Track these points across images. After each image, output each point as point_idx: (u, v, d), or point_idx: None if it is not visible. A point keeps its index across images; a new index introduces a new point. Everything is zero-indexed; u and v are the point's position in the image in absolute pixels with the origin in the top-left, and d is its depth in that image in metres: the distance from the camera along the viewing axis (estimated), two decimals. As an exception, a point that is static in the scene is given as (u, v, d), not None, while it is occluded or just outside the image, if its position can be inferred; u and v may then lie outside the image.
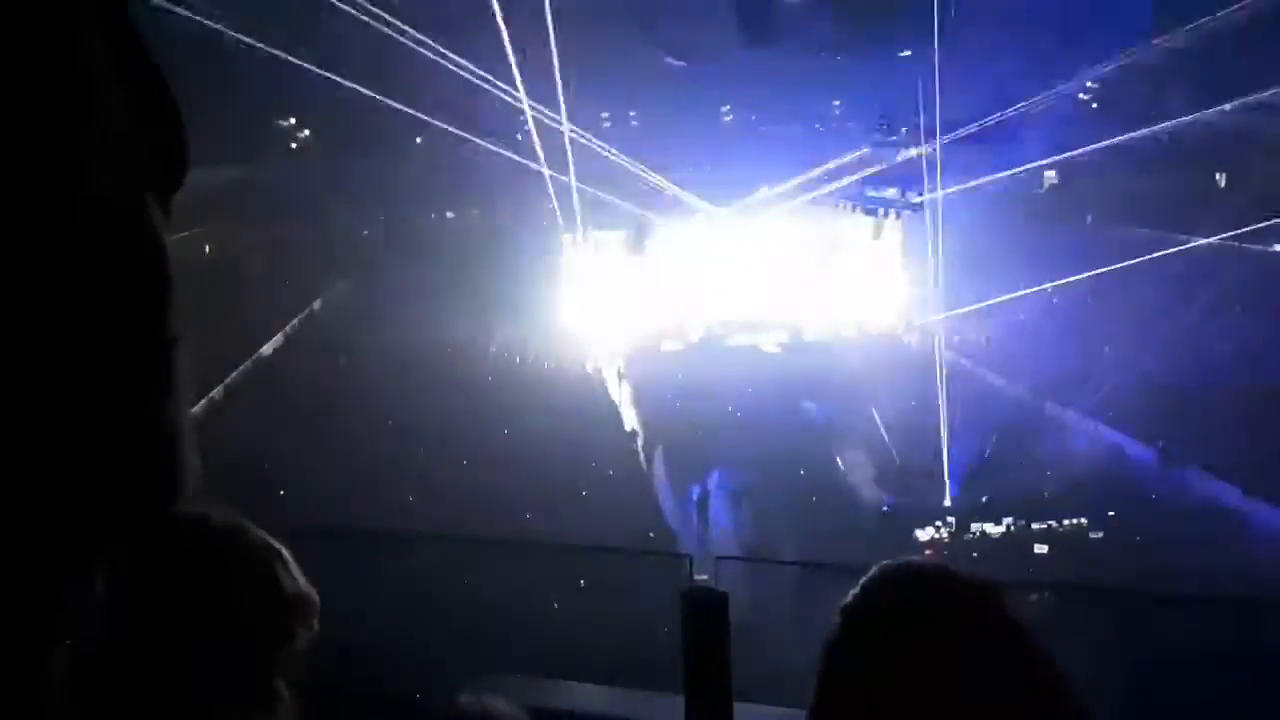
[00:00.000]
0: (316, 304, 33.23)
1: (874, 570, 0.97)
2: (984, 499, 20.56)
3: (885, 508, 20.30)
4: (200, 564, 1.07)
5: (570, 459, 21.33)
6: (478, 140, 35.92)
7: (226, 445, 19.81)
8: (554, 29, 29.93)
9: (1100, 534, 18.83)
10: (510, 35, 29.74)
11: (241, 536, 1.14)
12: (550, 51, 30.65)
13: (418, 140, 41.91)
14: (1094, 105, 42.38)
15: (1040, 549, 18.03)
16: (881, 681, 0.90)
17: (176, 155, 0.47)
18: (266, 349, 28.58)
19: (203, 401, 22.73)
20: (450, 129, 35.76)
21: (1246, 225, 29.98)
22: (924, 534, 18.82)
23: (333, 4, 27.68)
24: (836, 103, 37.89)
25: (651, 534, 18.27)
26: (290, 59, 29.32)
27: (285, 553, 1.16)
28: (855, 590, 0.96)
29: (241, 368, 26.28)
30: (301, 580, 1.15)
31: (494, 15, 28.86)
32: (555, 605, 13.65)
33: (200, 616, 1.08)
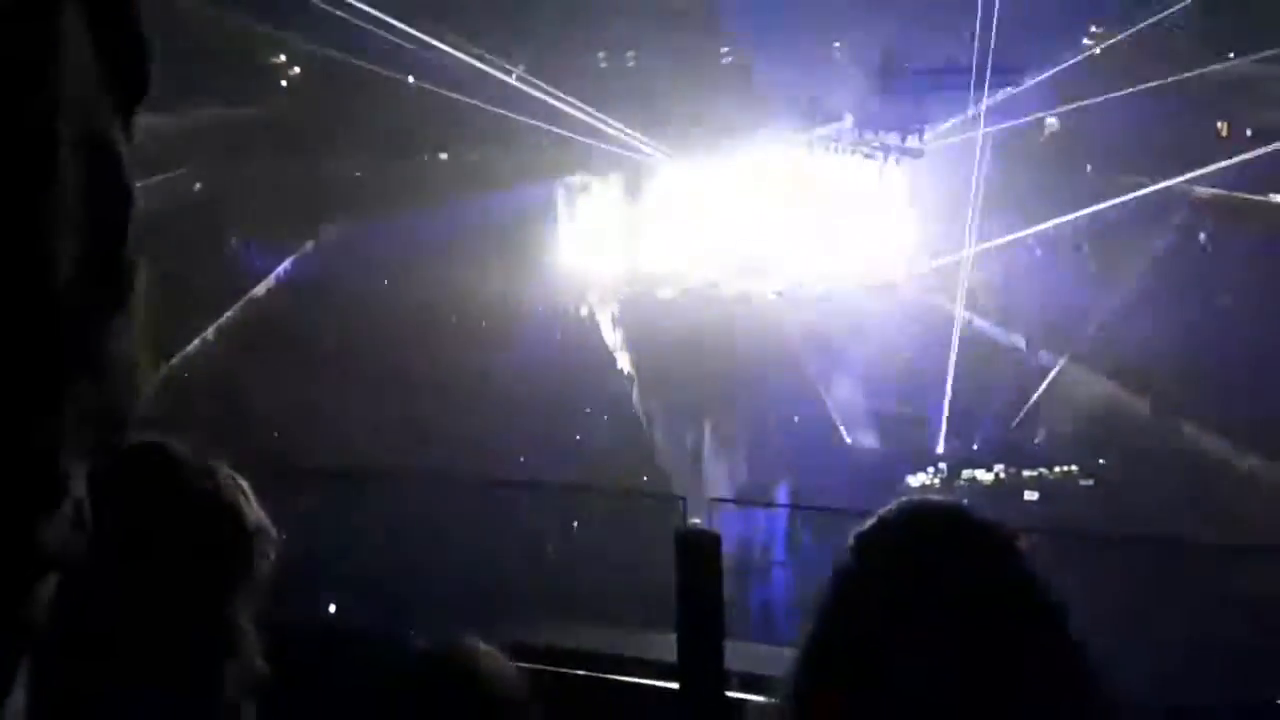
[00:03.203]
0: (309, 245, 32.99)
1: (893, 503, 0.95)
2: (975, 446, 20.70)
3: (878, 453, 20.44)
4: (163, 494, 1.04)
5: (565, 402, 21.39)
6: (472, 79, 35.37)
7: (218, 385, 19.83)
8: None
9: (1090, 481, 19.00)
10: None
11: (205, 468, 1.12)
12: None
13: (410, 79, 41.24)
14: (1098, 51, 41.74)
15: (1030, 495, 18.21)
16: (890, 611, 0.89)
17: (137, 66, 0.42)
18: (259, 290, 28.45)
19: (195, 341, 22.69)
20: (444, 68, 35.18)
21: (1249, 176, 29.77)
22: (915, 480, 18.96)
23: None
24: (837, 45, 37.29)
25: (645, 477, 18.40)
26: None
27: (245, 485, 1.15)
28: (872, 520, 0.94)
29: (233, 308, 26.18)
30: (261, 512, 1.15)
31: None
32: (549, 545, 13.81)
33: (164, 547, 1.06)
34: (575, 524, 14.23)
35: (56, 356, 0.36)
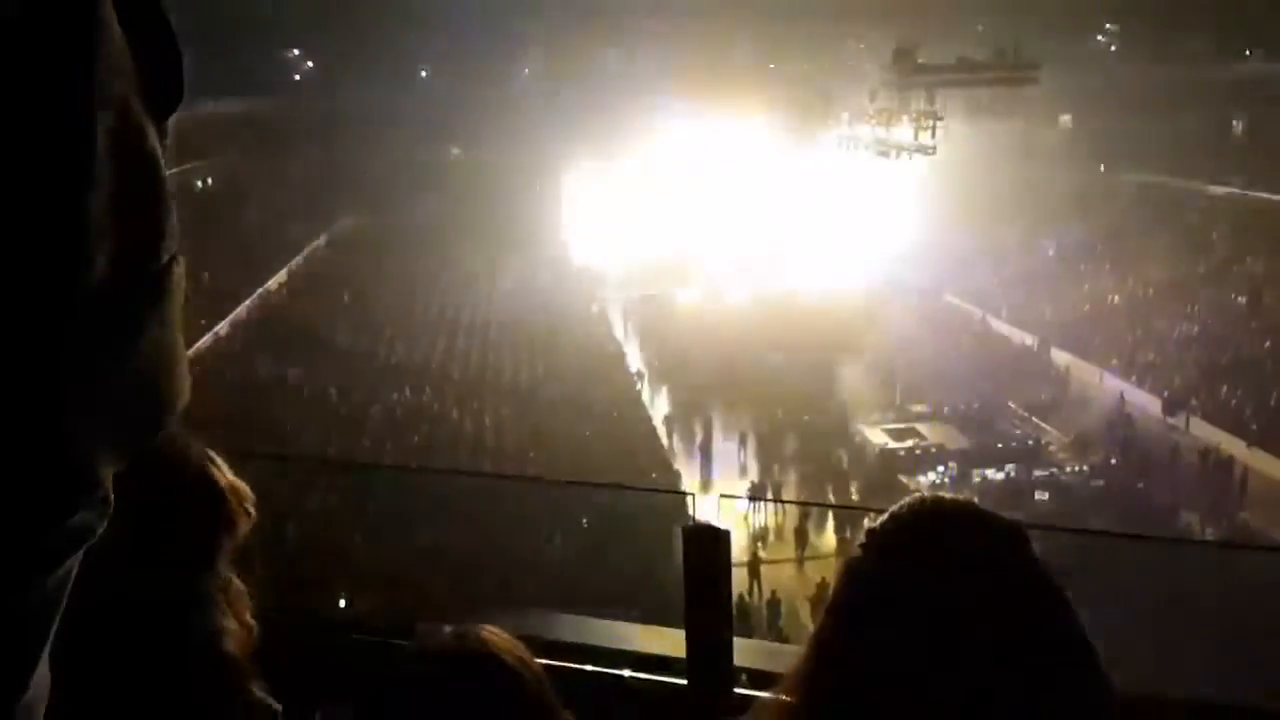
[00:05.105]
0: (322, 239, 33.11)
1: (905, 500, 0.96)
2: (986, 445, 20.63)
3: (886, 450, 20.37)
4: (136, 467, 1.06)
5: (574, 399, 21.40)
6: (480, 76, 35.51)
7: (231, 378, 19.92)
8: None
9: (1101, 482, 18.89)
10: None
11: (168, 441, 1.15)
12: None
13: (422, 74, 41.39)
14: (1112, 48, 41.53)
15: (1041, 495, 18.08)
16: (899, 606, 0.89)
17: (171, 69, 0.42)
18: (272, 283, 28.54)
19: (208, 335, 22.77)
20: (454, 64, 35.31)
21: (1262, 175, 29.60)
22: (925, 478, 18.88)
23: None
24: (850, 41, 37.23)
25: (654, 474, 18.36)
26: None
27: (212, 454, 1.21)
28: (884, 517, 0.95)
29: (246, 302, 26.26)
30: (231, 475, 1.21)
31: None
32: (558, 540, 13.82)
33: (145, 515, 1.08)
34: (584, 521, 14.23)
35: (88, 357, 0.37)
